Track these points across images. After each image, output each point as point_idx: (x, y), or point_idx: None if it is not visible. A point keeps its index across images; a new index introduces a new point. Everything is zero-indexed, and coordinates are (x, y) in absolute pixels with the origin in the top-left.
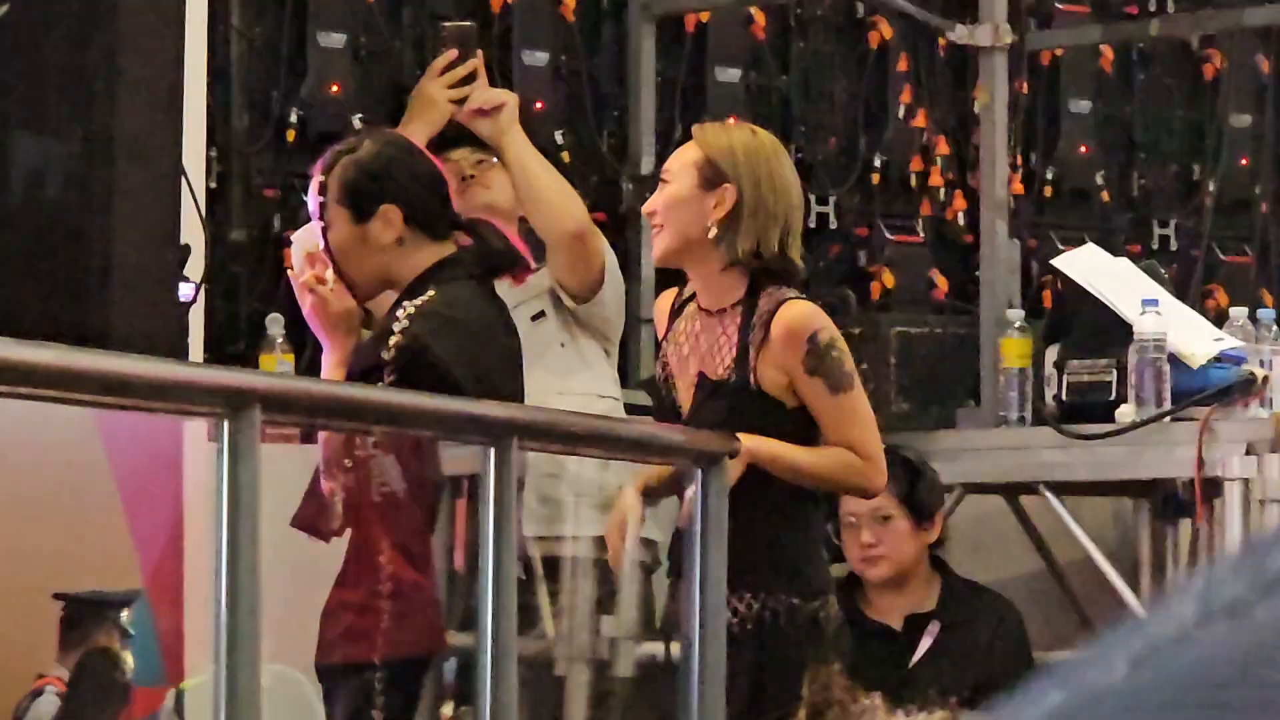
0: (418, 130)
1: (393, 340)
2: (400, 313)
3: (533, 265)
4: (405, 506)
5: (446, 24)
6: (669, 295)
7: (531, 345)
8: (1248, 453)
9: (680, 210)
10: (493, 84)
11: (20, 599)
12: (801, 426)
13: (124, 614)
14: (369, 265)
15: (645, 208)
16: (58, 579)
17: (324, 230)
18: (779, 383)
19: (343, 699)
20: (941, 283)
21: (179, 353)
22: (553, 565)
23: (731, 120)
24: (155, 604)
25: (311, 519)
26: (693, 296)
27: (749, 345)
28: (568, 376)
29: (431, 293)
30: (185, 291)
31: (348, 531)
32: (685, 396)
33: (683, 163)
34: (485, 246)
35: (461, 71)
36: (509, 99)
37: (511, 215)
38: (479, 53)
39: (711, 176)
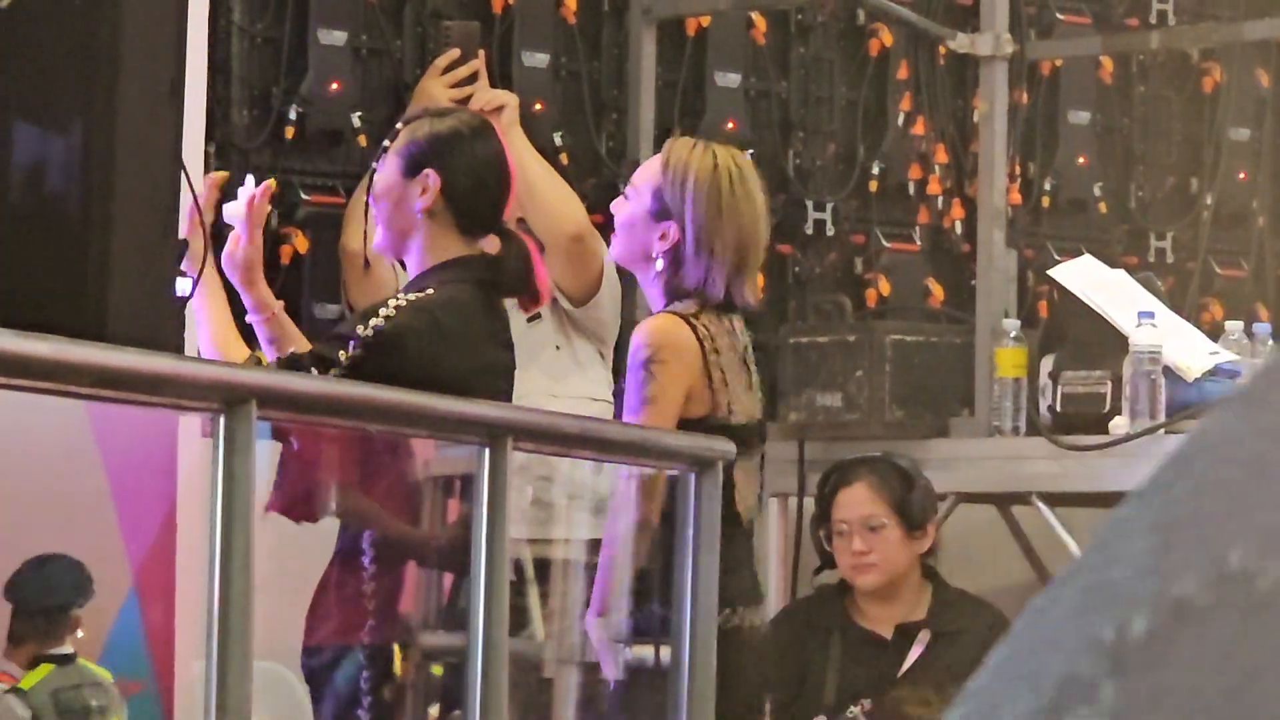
0: None
1: (373, 321)
2: (392, 301)
3: (545, 300)
4: (388, 504)
5: (449, 23)
6: None
7: (526, 347)
8: None
9: (631, 233)
10: (493, 84)
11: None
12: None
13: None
14: (397, 221)
15: (612, 206)
16: None
17: (374, 173)
18: None
19: (329, 700)
20: (937, 291)
21: (175, 347)
22: (544, 568)
23: (699, 143)
24: (144, 600)
25: (287, 503)
26: None
27: None
28: (561, 379)
29: (431, 291)
30: (183, 286)
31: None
32: None
33: (645, 179)
34: (502, 261)
35: (463, 71)
36: (510, 100)
37: (510, 216)
38: (481, 53)
39: (662, 209)
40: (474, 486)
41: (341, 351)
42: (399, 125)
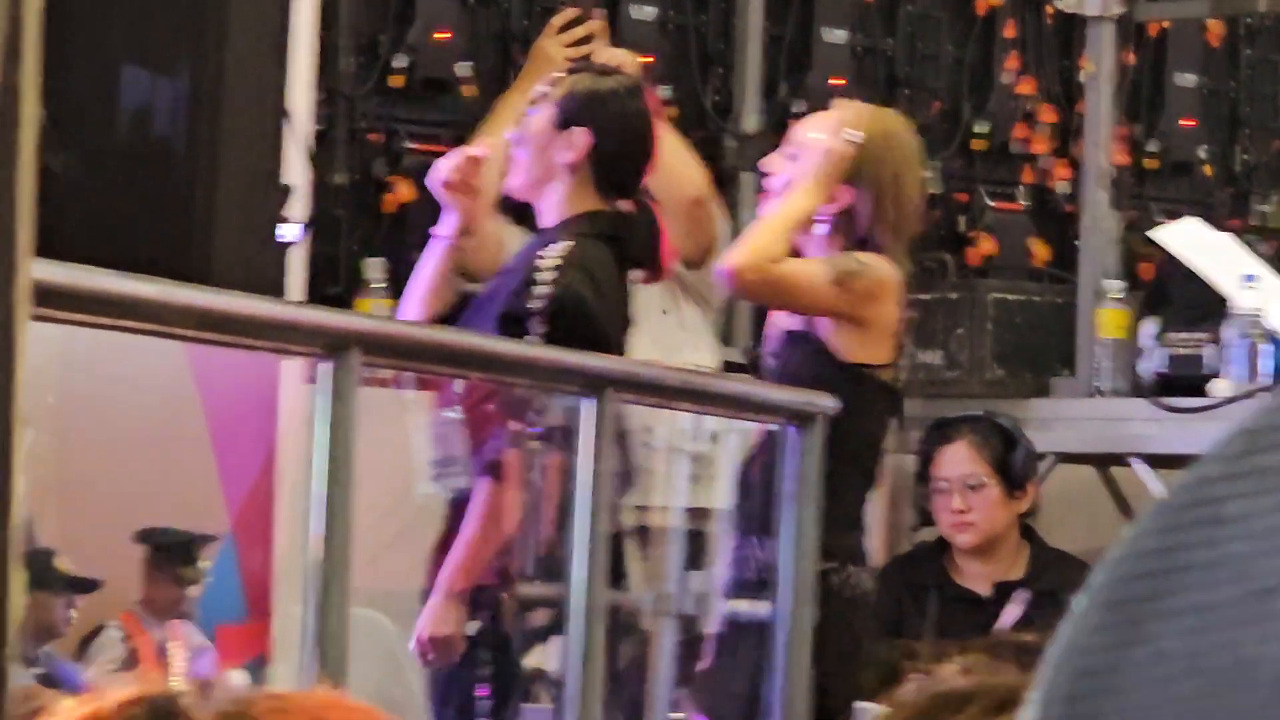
0: (533, 87)
1: (539, 290)
2: (542, 262)
3: (667, 276)
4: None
5: None
6: None
7: (633, 310)
8: None
9: None
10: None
11: (108, 536)
12: (851, 380)
13: (201, 553)
14: (538, 168)
15: (763, 164)
16: (145, 517)
17: (528, 113)
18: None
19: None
20: (1041, 251)
21: (278, 292)
22: (643, 531)
23: (879, 108)
24: (241, 545)
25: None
26: None
27: None
28: (671, 349)
29: (571, 244)
30: (288, 232)
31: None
32: None
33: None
34: (634, 228)
35: (580, 31)
36: (628, 60)
37: None
38: (599, 12)
39: (843, 174)
40: (575, 438)
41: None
42: (564, 73)
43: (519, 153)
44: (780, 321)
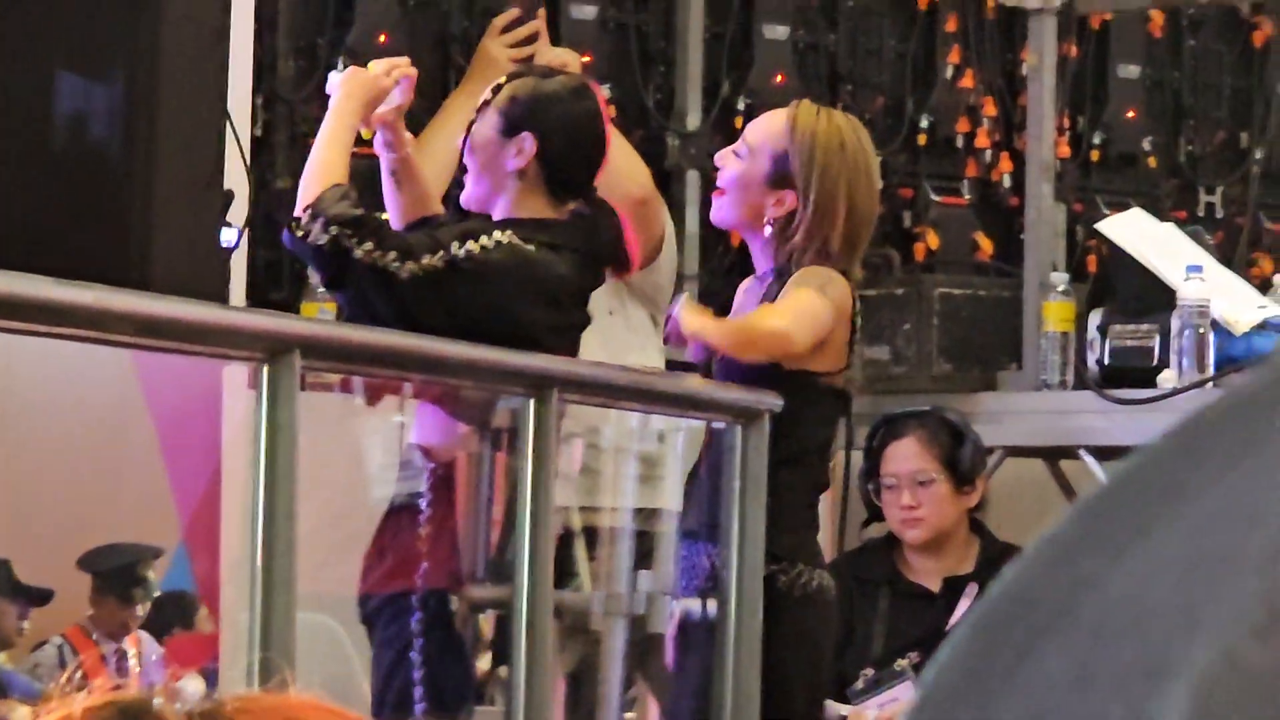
0: (478, 89)
1: (469, 246)
2: (496, 232)
3: (635, 269)
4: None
5: None
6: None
7: None
8: None
9: (743, 194)
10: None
11: (58, 548)
12: (797, 388)
13: (149, 570)
14: (488, 177)
15: (717, 158)
16: (96, 528)
17: (473, 124)
18: None
19: (382, 642)
20: (986, 245)
21: (220, 297)
22: (591, 532)
23: (825, 112)
24: (194, 553)
25: None
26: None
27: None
28: (613, 347)
29: (522, 243)
30: (228, 237)
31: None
32: None
33: (763, 141)
34: (595, 229)
35: (523, 32)
36: (572, 60)
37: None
38: (541, 12)
39: (780, 176)
40: (519, 438)
41: (428, 255)
42: (501, 80)
43: (469, 162)
44: None
